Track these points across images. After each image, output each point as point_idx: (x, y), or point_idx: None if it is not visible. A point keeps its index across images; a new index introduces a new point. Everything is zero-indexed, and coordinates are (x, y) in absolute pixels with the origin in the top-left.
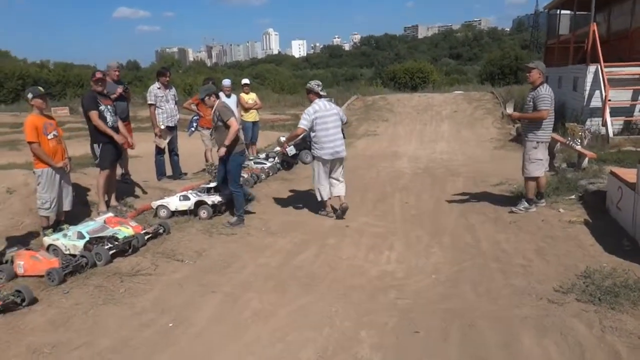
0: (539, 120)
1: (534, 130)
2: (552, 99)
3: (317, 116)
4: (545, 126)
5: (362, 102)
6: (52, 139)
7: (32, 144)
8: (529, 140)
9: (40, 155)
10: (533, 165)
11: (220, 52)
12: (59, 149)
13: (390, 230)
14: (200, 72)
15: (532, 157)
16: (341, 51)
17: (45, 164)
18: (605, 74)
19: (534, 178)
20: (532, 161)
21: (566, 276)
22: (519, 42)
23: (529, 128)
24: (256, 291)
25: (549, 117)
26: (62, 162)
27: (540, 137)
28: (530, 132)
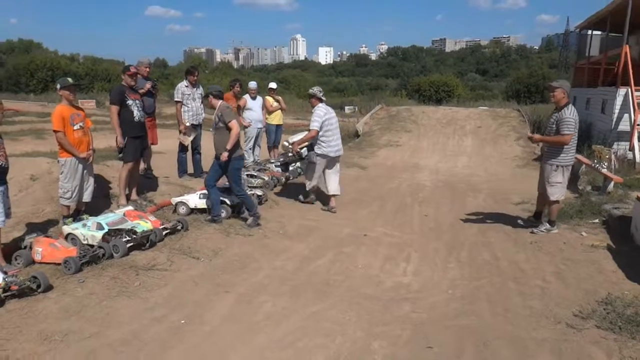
0: (561, 145)
1: (555, 154)
2: (576, 123)
3: (325, 118)
4: (567, 150)
5: (386, 112)
6: (78, 129)
7: (58, 132)
8: (549, 163)
9: (65, 144)
10: (553, 189)
11: (248, 55)
12: (84, 140)
13: (407, 241)
14: (227, 73)
15: (552, 181)
16: (367, 60)
17: (69, 154)
18: (636, 97)
19: (557, 201)
20: (552, 184)
21: (586, 301)
22: (547, 61)
23: (550, 151)
24: (270, 294)
25: (572, 141)
26: (86, 153)
27: (560, 161)
28: (550, 155)
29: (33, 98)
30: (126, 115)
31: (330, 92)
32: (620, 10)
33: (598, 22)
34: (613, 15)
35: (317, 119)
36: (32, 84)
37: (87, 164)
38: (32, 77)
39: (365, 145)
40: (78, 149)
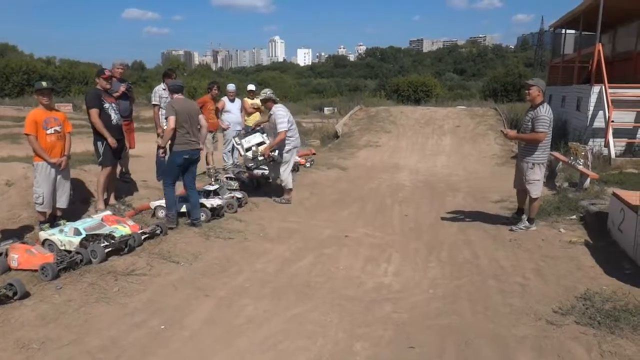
0: (536, 142)
1: (531, 152)
2: (551, 121)
3: (288, 116)
4: (542, 147)
5: (366, 112)
6: (52, 134)
7: (29, 136)
8: (525, 162)
9: (36, 148)
10: (531, 186)
11: (226, 57)
12: (57, 144)
13: (388, 242)
14: (205, 75)
15: (530, 179)
16: (346, 61)
17: (41, 158)
18: (609, 95)
19: (537, 198)
20: (531, 182)
21: (565, 297)
22: (523, 60)
23: (526, 149)
24: (251, 297)
25: (547, 139)
26: (57, 159)
27: (536, 159)
28: (526, 152)
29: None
30: (103, 118)
31: (310, 93)
32: (592, 10)
33: (571, 21)
34: (585, 14)
35: (284, 120)
36: (8, 88)
37: (60, 169)
38: (7, 80)
39: (345, 146)
40: (50, 153)
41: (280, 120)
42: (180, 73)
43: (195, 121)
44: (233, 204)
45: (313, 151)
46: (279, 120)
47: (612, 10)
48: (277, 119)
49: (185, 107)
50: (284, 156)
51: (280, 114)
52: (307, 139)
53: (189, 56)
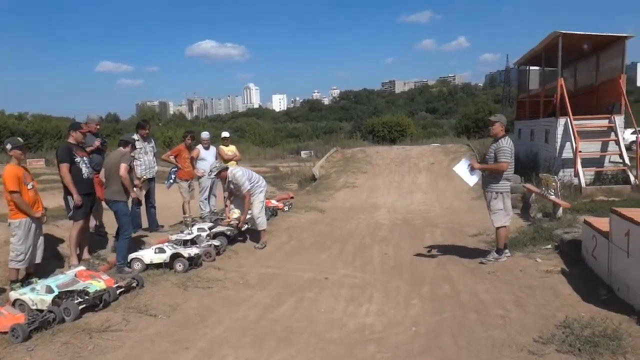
0: (499, 172)
1: (494, 181)
2: (512, 152)
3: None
4: (504, 177)
5: (342, 154)
6: (31, 189)
7: (14, 193)
8: (489, 191)
9: (21, 205)
10: (495, 216)
11: (201, 105)
12: (37, 199)
13: (369, 281)
14: (181, 125)
15: (494, 208)
16: (321, 105)
17: (23, 214)
18: (575, 126)
19: (503, 228)
20: (494, 212)
21: (545, 326)
22: (491, 96)
23: (489, 179)
24: (232, 346)
25: (509, 169)
26: (40, 212)
27: (499, 188)
28: (490, 182)
29: None
30: (74, 173)
31: (286, 137)
32: (552, 47)
33: (534, 58)
34: (546, 51)
35: (244, 181)
36: None
37: (40, 224)
38: None
39: (323, 189)
40: (33, 208)
41: (241, 183)
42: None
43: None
44: (211, 252)
45: (291, 195)
46: (240, 183)
47: (571, 47)
48: (237, 182)
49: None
50: (256, 198)
51: (239, 176)
52: (285, 183)
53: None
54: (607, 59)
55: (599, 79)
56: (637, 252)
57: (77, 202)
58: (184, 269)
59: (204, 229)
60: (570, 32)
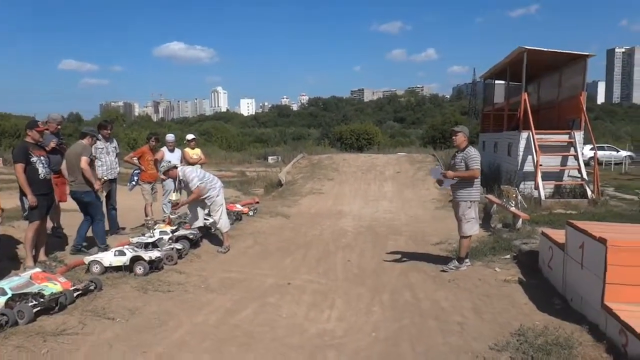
0: (472, 180)
1: (467, 190)
2: (479, 160)
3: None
4: (476, 185)
5: (309, 160)
6: None
7: None
8: (463, 200)
9: None
10: (468, 225)
11: (168, 107)
12: None
13: (331, 288)
14: (146, 127)
15: (467, 217)
16: (289, 111)
17: None
18: (537, 140)
19: (469, 237)
20: (468, 220)
21: (501, 334)
22: (458, 108)
23: (460, 187)
24: (191, 351)
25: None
26: None
27: (472, 196)
28: (463, 191)
29: None
30: (30, 172)
31: (253, 142)
32: (517, 62)
33: (499, 72)
34: (511, 66)
35: (194, 179)
36: None
37: None
38: None
39: (289, 194)
40: None
41: (189, 179)
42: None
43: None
44: (173, 255)
45: (257, 200)
46: (188, 180)
47: (535, 63)
48: (186, 179)
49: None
50: (214, 201)
51: (188, 173)
52: (251, 187)
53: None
54: (569, 76)
55: (561, 95)
56: (590, 264)
57: (32, 203)
58: (144, 272)
59: (166, 232)
60: (534, 48)
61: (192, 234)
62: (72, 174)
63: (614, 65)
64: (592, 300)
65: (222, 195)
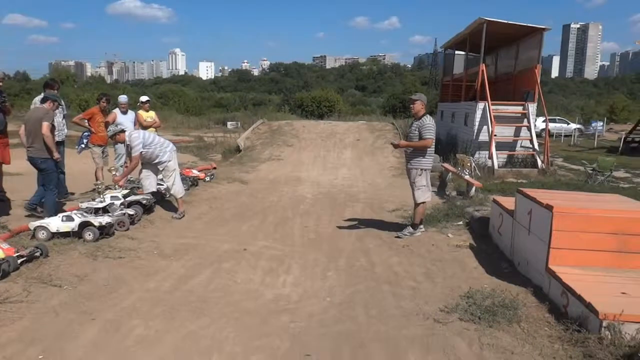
0: (424, 149)
1: (418, 158)
2: (434, 129)
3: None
4: (428, 154)
5: (268, 126)
6: None
7: None
8: (414, 168)
9: None
10: (419, 192)
11: (122, 69)
12: None
13: (288, 253)
14: (99, 88)
15: (418, 184)
16: (250, 76)
17: None
18: (492, 111)
19: (422, 204)
20: (419, 187)
21: (451, 297)
22: (419, 78)
23: (413, 156)
24: (142, 317)
25: (432, 146)
26: None
27: (423, 165)
28: (414, 159)
29: None
30: None
31: (212, 107)
32: (477, 33)
33: (460, 42)
34: (471, 37)
35: (137, 145)
36: None
37: None
38: None
39: (247, 160)
40: None
41: (133, 145)
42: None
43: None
44: (124, 221)
45: (214, 165)
46: (132, 145)
47: (494, 35)
48: (130, 145)
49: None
50: (166, 166)
51: (133, 138)
52: (209, 153)
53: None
54: (525, 49)
55: (517, 68)
56: (536, 229)
57: None
58: (94, 238)
59: (118, 197)
60: (494, 20)
61: (145, 199)
62: (31, 139)
63: (569, 41)
64: (537, 264)
65: (175, 160)
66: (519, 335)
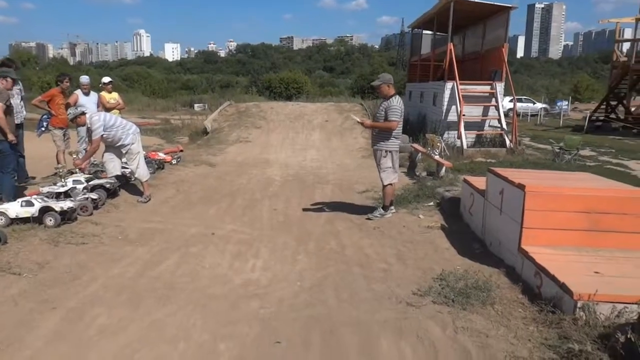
0: (389, 130)
1: (384, 139)
2: (402, 111)
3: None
4: (394, 136)
5: (236, 108)
6: None
7: None
8: (379, 149)
9: None
10: (385, 174)
11: (86, 50)
12: None
13: (256, 237)
14: (61, 70)
15: (383, 166)
16: (216, 57)
17: None
18: (460, 90)
19: (390, 185)
20: (384, 169)
21: (423, 279)
22: (387, 59)
23: (379, 137)
24: (106, 305)
25: (398, 127)
26: None
27: (389, 146)
28: (380, 140)
29: None
30: None
31: (179, 89)
32: (444, 12)
33: (427, 22)
34: (438, 16)
35: (98, 128)
36: None
37: None
38: None
39: (214, 143)
40: None
41: (93, 128)
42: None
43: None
44: (87, 205)
45: (180, 148)
46: (93, 128)
47: (461, 14)
48: (92, 129)
49: None
50: (129, 149)
51: (94, 121)
52: (175, 136)
53: (42, 48)
54: (492, 28)
55: (485, 47)
56: (508, 209)
57: None
58: (55, 224)
59: (80, 181)
60: None
61: (110, 183)
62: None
63: (534, 21)
64: (510, 244)
65: (138, 142)
66: (493, 317)
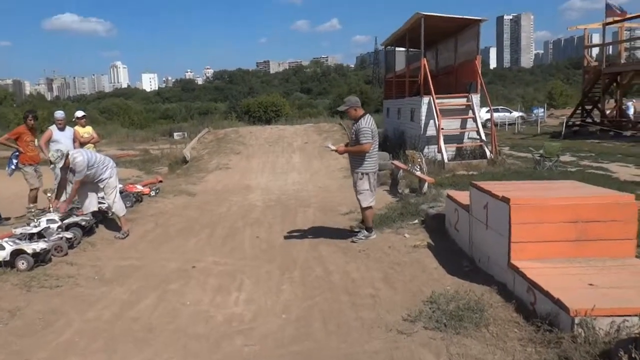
0: (362, 153)
1: (359, 162)
2: (373, 131)
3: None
4: (369, 157)
5: (214, 135)
6: None
7: None
8: (355, 172)
9: None
10: (362, 196)
11: (63, 85)
12: None
13: (239, 268)
14: (39, 106)
15: (359, 189)
16: (194, 85)
17: None
18: (437, 104)
19: (369, 208)
20: (360, 192)
21: (413, 303)
22: (362, 77)
23: (354, 161)
24: (80, 354)
25: (372, 149)
26: None
27: (365, 169)
28: (355, 164)
29: None
30: None
31: (158, 119)
32: (415, 28)
33: (399, 39)
34: (410, 32)
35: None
36: None
37: None
38: None
39: (194, 171)
40: None
41: (77, 170)
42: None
43: None
44: (62, 245)
45: (159, 179)
46: (76, 170)
47: (432, 29)
48: (75, 170)
49: None
50: (107, 183)
51: (78, 163)
52: (155, 166)
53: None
54: (464, 42)
55: (458, 60)
56: (494, 223)
57: None
58: (28, 267)
59: (54, 220)
60: (431, 14)
61: (85, 220)
62: None
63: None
64: (499, 259)
65: (115, 176)
66: (489, 340)
